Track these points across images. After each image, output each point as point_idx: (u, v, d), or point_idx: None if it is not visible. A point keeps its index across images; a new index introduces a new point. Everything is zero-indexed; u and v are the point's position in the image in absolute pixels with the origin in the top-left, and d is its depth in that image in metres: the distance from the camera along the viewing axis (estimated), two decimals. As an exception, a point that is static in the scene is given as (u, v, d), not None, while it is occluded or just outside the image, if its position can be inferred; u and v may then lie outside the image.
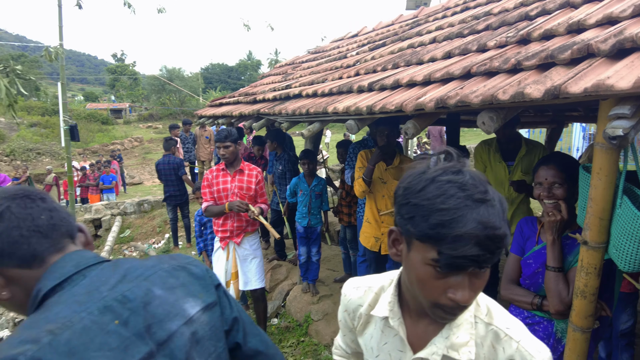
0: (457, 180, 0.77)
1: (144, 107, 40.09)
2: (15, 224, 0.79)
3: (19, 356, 0.63)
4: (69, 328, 0.69)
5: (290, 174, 4.67)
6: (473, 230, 0.73)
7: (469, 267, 0.76)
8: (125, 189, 14.83)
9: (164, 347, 0.78)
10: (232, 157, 3.41)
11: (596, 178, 1.51)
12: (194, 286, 0.89)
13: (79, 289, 0.77)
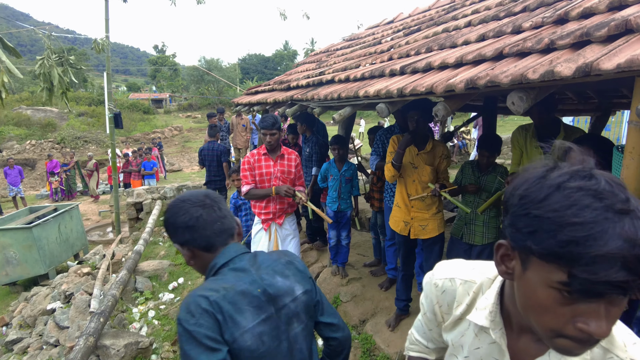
0: (591, 186, 0.64)
1: (183, 97, 41.27)
2: (203, 225, 1.27)
3: (208, 296, 1.14)
4: (233, 289, 1.19)
5: (317, 157, 4.72)
6: (618, 250, 0.59)
7: (611, 295, 0.62)
8: (165, 175, 15.45)
9: (279, 311, 1.25)
10: (276, 143, 3.55)
11: (629, 157, 1.48)
12: (298, 277, 1.35)
13: (237, 267, 1.26)
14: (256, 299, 1.21)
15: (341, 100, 3.18)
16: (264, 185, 3.58)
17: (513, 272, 0.75)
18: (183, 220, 1.27)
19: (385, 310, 3.67)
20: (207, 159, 6.74)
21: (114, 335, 3.78)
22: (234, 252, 1.30)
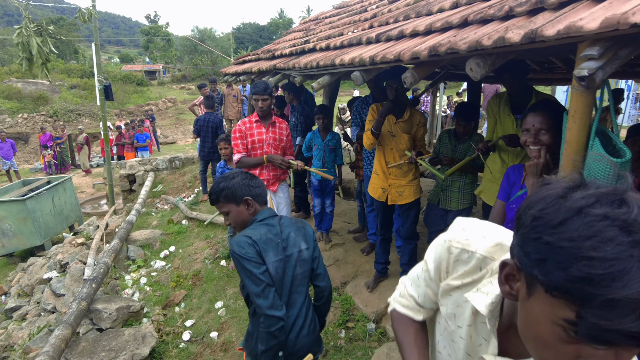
0: (620, 215, 0.54)
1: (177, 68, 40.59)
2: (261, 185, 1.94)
3: (252, 236, 1.73)
4: (265, 236, 1.77)
5: (302, 126, 4.78)
6: (639, 295, 0.50)
7: (625, 345, 0.53)
8: (158, 147, 15.44)
9: (288, 257, 1.81)
10: (268, 110, 3.57)
11: (571, 120, 1.56)
12: (306, 237, 1.89)
13: (268, 223, 1.84)
14: (276, 245, 1.79)
15: (320, 68, 3.21)
16: (256, 153, 3.63)
17: (517, 294, 0.68)
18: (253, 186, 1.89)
19: (366, 273, 3.83)
20: (202, 131, 6.75)
21: (106, 300, 3.94)
22: (268, 213, 1.89)
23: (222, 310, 3.83)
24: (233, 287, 4.20)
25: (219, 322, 3.69)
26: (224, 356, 3.29)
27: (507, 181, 2.03)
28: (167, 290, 4.48)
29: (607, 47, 1.33)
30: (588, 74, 1.32)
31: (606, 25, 1.22)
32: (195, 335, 3.61)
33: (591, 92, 1.48)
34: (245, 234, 1.76)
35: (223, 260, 4.73)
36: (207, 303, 3.99)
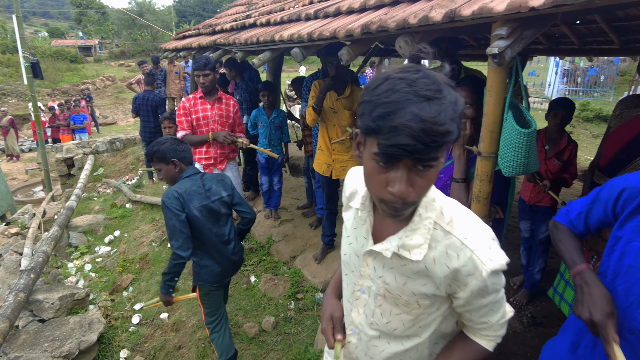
0: (410, 77, 0.77)
1: (114, 43, 38.01)
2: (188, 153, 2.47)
3: (177, 190, 2.29)
4: (189, 188, 2.34)
5: (247, 104, 4.73)
6: (408, 122, 0.74)
7: (403, 157, 0.78)
8: (98, 128, 14.61)
9: (213, 202, 2.41)
10: (211, 85, 3.46)
11: (488, 95, 1.69)
12: (225, 187, 2.50)
13: (192, 178, 2.40)
14: (200, 194, 2.37)
15: (260, 44, 3.18)
16: (202, 130, 3.55)
17: (362, 156, 0.89)
18: (181, 150, 2.41)
19: (314, 247, 3.95)
20: (141, 110, 6.45)
21: (47, 290, 3.79)
22: (192, 171, 2.44)
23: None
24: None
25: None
26: (175, 336, 3.31)
27: None
28: (114, 275, 4.38)
29: (514, 27, 1.45)
30: (498, 52, 1.44)
31: (511, 8, 1.34)
32: (145, 318, 3.59)
33: (504, 69, 1.61)
34: (173, 188, 2.31)
35: (171, 242, 4.67)
36: (156, 285, 3.95)
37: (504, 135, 1.69)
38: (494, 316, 1.03)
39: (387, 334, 1.09)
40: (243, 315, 3.44)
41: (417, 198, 0.85)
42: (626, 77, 13.55)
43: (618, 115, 2.13)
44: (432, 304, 1.02)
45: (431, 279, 0.97)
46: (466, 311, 1.03)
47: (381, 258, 1.01)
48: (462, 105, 0.81)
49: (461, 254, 0.92)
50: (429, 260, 0.95)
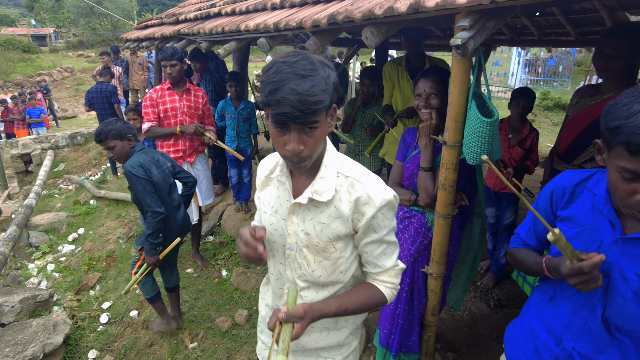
0: (291, 60, 1.00)
1: (71, 33, 36.22)
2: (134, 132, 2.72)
3: (139, 160, 2.60)
4: (145, 159, 2.64)
5: (212, 95, 4.63)
6: (288, 95, 0.97)
7: (289, 122, 1.01)
8: (57, 122, 13.96)
9: (163, 171, 2.75)
10: (179, 75, 3.37)
11: (452, 85, 1.73)
12: (167, 158, 2.88)
13: (144, 151, 2.73)
14: (154, 164, 2.67)
15: (226, 34, 3.11)
16: (169, 122, 3.46)
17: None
18: (129, 127, 2.67)
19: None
20: (96, 102, 6.21)
21: (6, 293, 3.62)
22: (140, 146, 2.73)
23: (141, 288, 3.73)
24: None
25: (138, 301, 3.60)
26: (146, 333, 3.24)
27: (403, 143, 2.20)
28: (79, 274, 4.23)
29: (477, 19, 1.48)
30: (461, 43, 1.47)
31: (473, 0, 1.36)
32: (114, 316, 3.49)
33: (467, 59, 1.65)
34: (134, 159, 2.60)
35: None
36: (125, 283, 3.84)
37: (468, 125, 1.73)
38: (387, 261, 1.25)
39: (314, 282, 1.26)
40: (215, 309, 3.41)
41: (310, 152, 1.07)
42: (582, 67, 14.15)
43: (575, 104, 2.22)
44: (345, 247, 1.22)
45: (341, 220, 1.17)
46: (365, 248, 1.23)
47: (302, 213, 1.20)
48: (334, 78, 1.04)
49: (358, 187, 1.16)
50: (337, 201, 1.17)
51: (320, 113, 1.01)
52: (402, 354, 2.43)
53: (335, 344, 1.36)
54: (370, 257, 1.24)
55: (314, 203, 1.18)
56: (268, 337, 1.50)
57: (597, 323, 1.14)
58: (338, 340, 1.36)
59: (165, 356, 3.01)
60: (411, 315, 2.36)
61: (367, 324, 2.94)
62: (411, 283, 2.30)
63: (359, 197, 1.15)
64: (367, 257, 1.25)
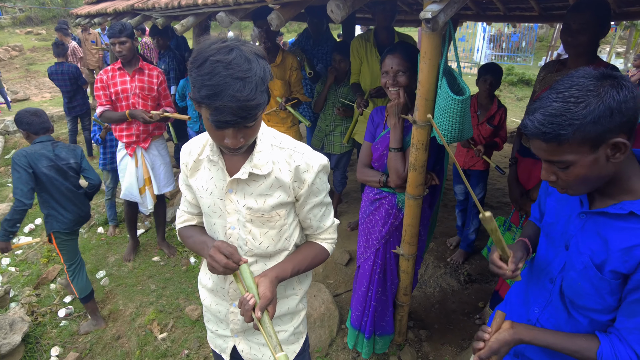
0: (225, 59, 0.95)
1: (17, 7, 33.71)
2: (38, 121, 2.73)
3: (26, 150, 2.64)
4: (38, 151, 2.67)
5: (175, 73, 4.39)
6: (228, 103, 0.95)
7: (229, 127, 1.01)
8: (9, 105, 13.08)
9: (60, 166, 2.75)
10: (130, 54, 3.12)
11: (422, 62, 1.66)
12: (75, 156, 2.84)
13: (43, 143, 2.72)
14: (48, 158, 2.68)
15: (182, 8, 2.92)
16: (122, 105, 3.23)
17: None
18: (27, 121, 2.68)
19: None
20: (60, 85, 5.81)
21: (-44, 291, 3.38)
22: (44, 138, 2.74)
23: (105, 279, 3.57)
24: (115, 254, 3.92)
25: (103, 292, 3.44)
26: (112, 326, 3.12)
27: (371, 123, 2.13)
28: (38, 267, 4.00)
29: (447, -10, 1.40)
30: (432, 16, 1.39)
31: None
32: (77, 310, 3.33)
33: (438, 34, 1.58)
34: (22, 148, 2.65)
35: (100, 227, 4.34)
36: (88, 274, 3.66)
37: (439, 103, 1.68)
38: (327, 220, 1.37)
39: (262, 255, 1.30)
40: (184, 298, 3.31)
41: (248, 142, 1.09)
42: (544, 42, 14.43)
43: (542, 79, 2.21)
44: (288, 214, 1.28)
45: (283, 189, 1.23)
46: (309, 213, 1.31)
47: (241, 189, 1.22)
48: (268, 73, 1.02)
49: (296, 157, 1.22)
50: (277, 172, 1.21)
51: (259, 113, 1.02)
52: (376, 336, 2.43)
53: (285, 312, 1.41)
54: (314, 220, 1.33)
55: (253, 177, 1.20)
56: (215, 325, 1.50)
57: (557, 296, 1.16)
58: (288, 308, 1.41)
59: (133, 349, 2.90)
60: (384, 297, 2.35)
61: (339, 305, 2.93)
62: (383, 265, 2.28)
63: (299, 166, 1.21)
64: (310, 222, 1.34)
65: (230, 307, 1.38)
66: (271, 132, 1.25)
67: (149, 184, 3.50)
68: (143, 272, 3.64)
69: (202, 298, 1.51)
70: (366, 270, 2.30)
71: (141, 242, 4.08)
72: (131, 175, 3.45)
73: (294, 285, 1.43)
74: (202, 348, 2.84)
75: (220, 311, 1.42)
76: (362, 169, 2.15)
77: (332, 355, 2.62)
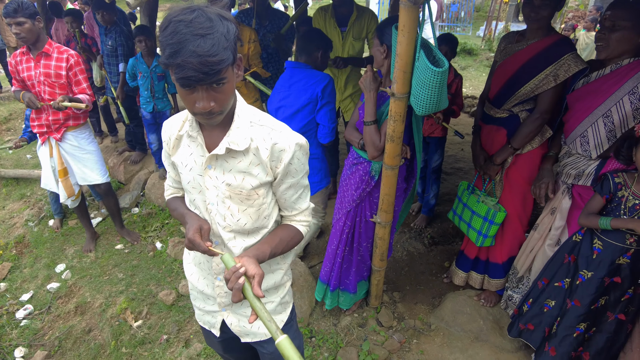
0: (186, 19, 0.96)
1: None
2: None
3: None
4: None
5: (123, 49, 4.11)
6: (188, 58, 0.94)
7: (194, 84, 1.00)
8: None
9: None
10: (31, 36, 2.75)
11: (401, 35, 1.69)
12: None
13: None
14: None
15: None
16: (34, 90, 2.94)
17: None
18: None
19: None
20: None
21: None
22: None
23: (66, 272, 3.38)
24: (74, 246, 3.71)
25: (66, 287, 3.28)
26: (82, 319, 2.99)
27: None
28: (-17, 267, 3.71)
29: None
30: (414, -11, 1.42)
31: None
32: (39, 307, 3.15)
33: (416, 7, 1.62)
34: None
35: (51, 220, 4.07)
36: (45, 269, 3.46)
37: (417, 75, 1.73)
38: (303, 203, 1.37)
39: (240, 231, 1.30)
40: (156, 283, 3.24)
41: (221, 107, 1.08)
42: (481, 12, 15.01)
43: (503, 49, 2.33)
44: (267, 193, 1.28)
45: (262, 167, 1.22)
46: (284, 194, 1.31)
47: (220, 165, 1.22)
48: (234, 31, 1.01)
49: (274, 135, 1.20)
50: (255, 149, 1.20)
51: (225, 70, 1.00)
52: (339, 291, 2.62)
53: (272, 285, 1.45)
54: (289, 202, 1.34)
55: (231, 154, 1.20)
56: (203, 302, 1.51)
57: None
58: (274, 282, 1.45)
59: (108, 340, 2.82)
60: (350, 256, 2.51)
61: (315, 276, 3.02)
62: (352, 226, 2.42)
63: (275, 144, 1.20)
64: (285, 203, 1.34)
65: (215, 280, 1.40)
66: (251, 109, 1.24)
67: (62, 175, 3.24)
68: (107, 262, 3.50)
69: (188, 274, 1.51)
70: (337, 230, 2.45)
71: (100, 231, 3.89)
72: (46, 165, 3.23)
73: (279, 261, 1.46)
74: (181, 332, 2.82)
75: (207, 285, 1.43)
76: (349, 128, 2.31)
77: (314, 324, 2.72)
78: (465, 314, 2.60)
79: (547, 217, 2.29)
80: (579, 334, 2.00)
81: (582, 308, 1.96)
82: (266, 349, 1.52)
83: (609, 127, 1.92)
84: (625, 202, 1.82)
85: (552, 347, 2.08)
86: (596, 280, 1.92)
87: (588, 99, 2.01)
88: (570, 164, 2.11)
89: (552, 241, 2.25)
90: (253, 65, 3.30)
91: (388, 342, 2.52)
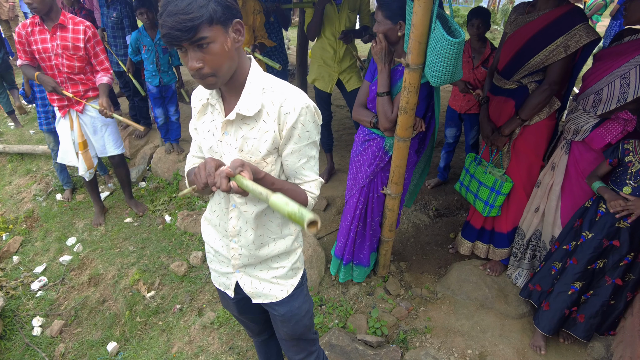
0: None
1: None
2: None
3: None
4: None
5: (129, 20, 4.04)
6: (167, 18, 1.01)
7: (174, 43, 1.05)
8: None
9: None
10: (43, 6, 2.67)
11: (416, 5, 1.69)
12: None
13: None
14: None
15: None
16: (45, 66, 2.90)
17: None
18: None
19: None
20: None
21: None
22: None
23: (77, 245, 3.44)
24: (83, 220, 3.76)
25: (79, 259, 3.34)
26: (95, 290, 3.07)
27: (373, 63, 2.18)
28: (-5, 241, 3.77)
29: None
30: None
31: None
32: (52, 279, 3.23)
33: (432, -23, 1.61)
34: None
35: (59, 194, 4.10)
36: (56, 242, 3.52)
37: (433, 46, 1.74)
38: (308, 173, 1.34)
39: (251, 197, 1.32)
40: (167, 255, 3.30)
41: (212, 69, 1.10)
42: (483, -18, 14.67)
43: (513, 21, 2.32)
44: (275, 161, 1.29)
45: (270, 133, 1.23)
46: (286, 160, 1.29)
47: (234, 132, 1.25)
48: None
49: (280, 97, 1.21)
50: (265, 115, 1.22)
51: (202, 29, 1.03)
52: (353, 265, 2.69)
53: (283, 250, 1.47)
54: (291, 169, 1.32)
55: (244, 120, 1.23)
56: (218, 264, 1.55)
57: None
58: (285, 247, 1.47)
59: (122, 310, 2.90)
60: (364, 231, 2.56)
61: (324, 247, 3.09)
62: (365, 202, 2.46)
63: (281, 107, 1.20)
64: (288, 170, 1.33)
65: (230, 243, 1.44)
66: (266, 76, 1.25)
67: (82, 148, 3.24)
68: (117, 235, 3.55)
69: (206, 234, 1.55)
70: (351, 206, 2.49)
71: (108, 205, 3.93)
72: (67, 139, 3.22)
73: (289, 226, 1.48)
74: (194, 301, 2.91)
75: (223, 246, 1.47)
76: (357, 108, 2.26)
77: (323, 293, 2.80)
78: (470, 283, 2.68)
79: (548, 173, 2.36)
80: (574, 292, 2.09)
81: (578, 266, 2.05)
82: (277, 311, 1.55)
83: (624, 89, 1.97)
84: (632, 167, 1.89)
85: (546, 302, 2.18)
86: (595, 241, 2.01)
87: (611, 59, 2.05)
88: (573, 120, 2.20)
89: (555, 196, 2.32)
90: (259, 37, 3.27)
91: (396, 310, 2.61)
